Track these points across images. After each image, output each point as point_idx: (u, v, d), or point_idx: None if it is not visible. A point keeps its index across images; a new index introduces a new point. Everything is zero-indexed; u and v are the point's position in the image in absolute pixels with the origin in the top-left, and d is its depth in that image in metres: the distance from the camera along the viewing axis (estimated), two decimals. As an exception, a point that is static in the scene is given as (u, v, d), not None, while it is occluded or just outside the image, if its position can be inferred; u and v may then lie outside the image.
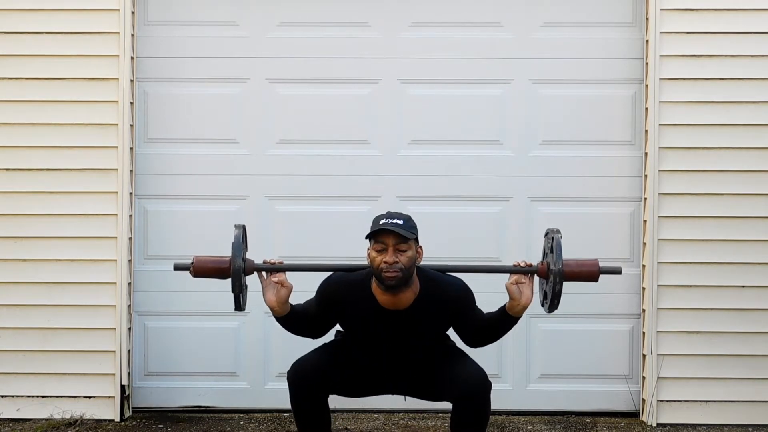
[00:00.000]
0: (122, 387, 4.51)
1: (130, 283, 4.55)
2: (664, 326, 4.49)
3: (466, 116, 4.64)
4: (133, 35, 4.55)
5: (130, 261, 4.55)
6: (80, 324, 4.49)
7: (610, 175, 4.61)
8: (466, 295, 3.32)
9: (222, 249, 4.61)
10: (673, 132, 4.48)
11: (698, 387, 4.49)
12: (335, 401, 3.46)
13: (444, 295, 3.28)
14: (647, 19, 4.51)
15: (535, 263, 3.32)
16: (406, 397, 3.54)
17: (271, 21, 4.65)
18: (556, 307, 3.25)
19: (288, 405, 4.56)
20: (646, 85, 4.52)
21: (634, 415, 4.62)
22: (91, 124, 4.49)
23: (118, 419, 4.50)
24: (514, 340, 4.65)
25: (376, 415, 4.61)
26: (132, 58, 4.54)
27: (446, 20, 4.64)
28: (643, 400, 4.55)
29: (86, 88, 4.48)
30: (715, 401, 4.49)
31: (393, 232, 3.12)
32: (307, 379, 3.27)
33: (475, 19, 4.64)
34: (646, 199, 4.53)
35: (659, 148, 4.47)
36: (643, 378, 4.55)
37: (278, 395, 4.62)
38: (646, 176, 4.53)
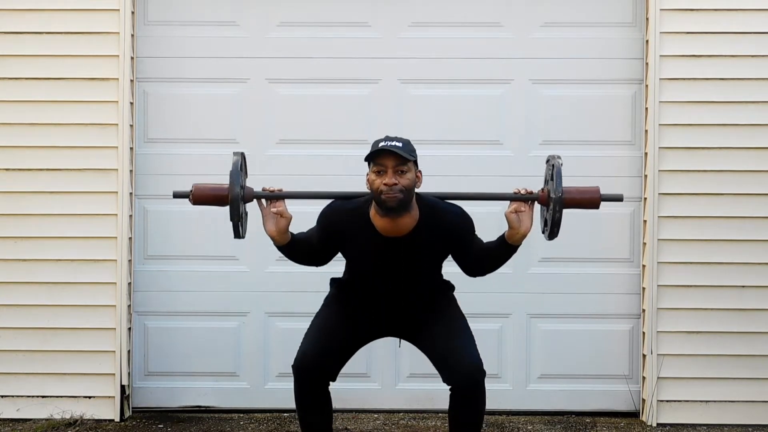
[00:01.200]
0: (122, 387, 4.52)
1: (130, 283, 4.56)
2: (664, 326, 4.49)
3: (466, 116, 4.64)
4: (133, 35, 4.55)
5: (130, 261, 4.55)
6: (80, 324, 4.50)
7: (610, 175, 4.61)
8: (465, 221, 3.28)
9: (223, 249, 4.64)
10: (673, 132, 4.48)
11: (698, 387, 4.49)
12: (335, 401, 3.45)
13: (444, 222, 3.23)
14: (647, 19, 4.51)
15: (534, 190, 3.25)
16: (400, 344, 3.51)
17: (271, 21, 4.65)
18: (555, 235, 3.20)
19: (288, 405, 4.58)
20: (646, 85, 4.52)
21: (634, 415, 4.62)
22: (91, 124, 4.49)
23: (118, 419, 4.51)
24: (514, 340, 4.66)
25: (376, 415, 4.61)
26: (132, 58, 4.54)
27: (446, 20, 4.64)
28: (643, 400, 4.56)
29: (86, 88, 4.48)
30: (715, 401, 4.49)
31: (392, 153, 3.09)
32: (314, 370, 3.22)
33: (475, 19, 4.64)
34: (646, 199, 4.53)
35: (659, 148, 4.47)
36: (643, 378, 4.55)
37: (278, 395, 4.62)
38: (646, 176, 4.53)
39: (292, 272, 4.63)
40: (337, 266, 3.47)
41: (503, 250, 3.24)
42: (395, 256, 3.23)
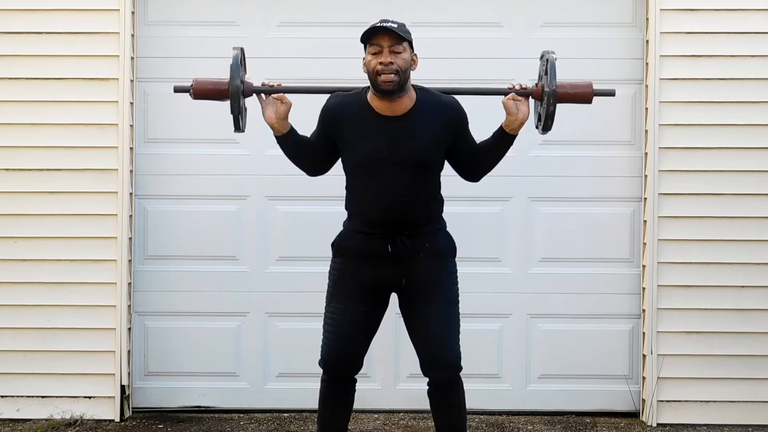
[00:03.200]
0: (122, 387, 4.51)
1: (130, 283, 4.56)
2: (664, 326, 4.49)
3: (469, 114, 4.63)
4: (133, 35, 4.55)
5: (130, 261, 4.55)
6: (80, 324, 4.50)
7: (610, 175, 4.61)
8: (461, 110, 3.33)
9: (223, 249, 4.64)
10: (673, 132, 4.48)
11: (698, 387, 4.49)
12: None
13: (441, 106, 3.28)
14: (647, 19, 4.51)
15: (528, 85, 3.30)
16: (405, 282, 3.37)
17: (271, 21, 4.65)
18: (549, 129, 3.28)
19: (288, 405, 4.61)
20: (646, 85, 4.52)
21: (634, 415, 4.62)
22: (91, 124, 4.49)
23: (118, 419, 4.50)
24: (514, 340, 4.66)
25: (376, 415, 4.61)
26: (132, 58, 4.54)
27: (446, 20, 4.64)
28: (643, 400, 4.56)
29: (86, 88, 4.48)
30: (715, 401, 4.49)
31: (387, 32, 3.14)
32: (344, 367, 3.27)
33: (475, 19, 4.64)
34: (646, 199, 4.53)
35: (659, 148, 4.47)
36: (643, 378, 4.55)
37: (278, 395, 4.62)
38: (646, 176, 4.53)
39: (292, 272, 4.64)
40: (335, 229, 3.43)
41: (501, 141, 3.30)
42: (394, 136, 3.21)
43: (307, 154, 3.39)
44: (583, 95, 3.32)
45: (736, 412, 4.49)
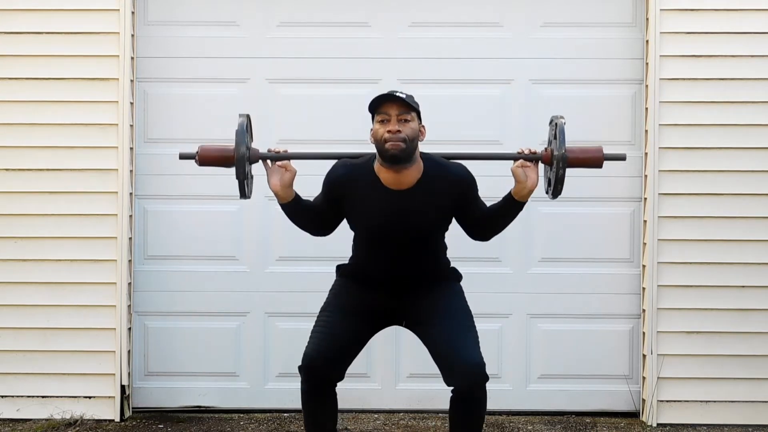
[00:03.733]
0: (122, 387, 4.52)
1: (130, 283, 4.56)
2: (664, 326, 4.49)
3: (466, 116, 4.64)
4: (133, 35, 4.55)
5: (130, 261, 4.55)
6: (80, 324, 4.50)
7: (610, 175, 4.60)
8: (470, 178, 3.29)
9: (223, 249, 4.65)
10: (673, 132, 4.48)
11: (698, 387, 4.49)
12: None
13: (448, 176, 3.24)
14: (647, 19, 4.51)
15: (538, 150, 3.25)
16: (405, 323, 3.43)
17: (271, 21, 4.65)
18: (559, 192, 3.21)
19: (288, 405, 4.61)
20: (646, 85, 4.52)
21: (634, 415, 4.62)
22: (91, 124, 4.49)
23: (118, 419, 4.51)
24: (514, 340, 4.66)
25: (376, 415, 4.61)
26: (132, 58, 4.54)
27: (446, 20, 4.64)
28: (643, 400, 4.56)
29: (86, 88, 4.48)
30: (715, 401, 4.49)
31: (396, 101, 3.12)
32: (322, 370, 3.21)
33: (475, 19, 4.64)
34: (646, 199, 4.53)
35: (659, 148, 4.47)
36: (643, 378, 4.55)
37: (278, 395, 4.62)
38: (646, 176, 4.53)
39: (292, 272, 4.64)
40: (343, 253, 3.45)
41: (510, 207, 3.25)
42: (400, 210, 3.21)
43: (311, 219, 3.36)
44: (593, 160, 3.25)
45: (736, 412, 4.49)
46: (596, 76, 4.62)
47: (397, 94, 3.15)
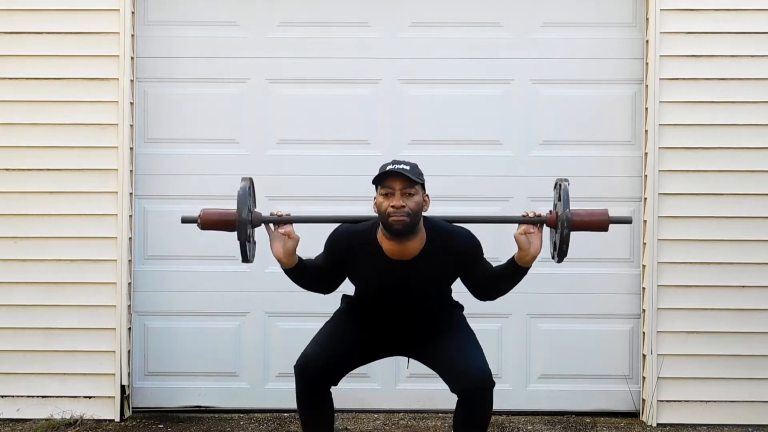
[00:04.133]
0: (122, 387, 4.52)
1: (130, 283, 4.56)
2: (664, 326, 4.49)
3: (466, 116, 4.64)
4: (133, 35, 4.55)
5: (130, 261, 4.55)
6: (80, 324, 4.50)
7: (610, 175, 4.61)
8: (473, 245, 3.27)
9: (223, 249, 4.64)
10: (673, 132, 4.48)
11: (698, 387, 4.49)
12: (335, 401, 3.45)
13: (451, 245, 3.23)
14: (647, 19, 4.51)
15: (543, 213, 3.24)
16: (409, 364, 3.55)
17: (271, 21, 4.65)
18: (564, 256, 3.19)
19: (288, 405, 4.60)
20: (646, 85, 4.52)
21: (634, 415, 4.62)
22: (91, 124, 4.49)
23: (118, 419, 4.51)
24: (514, 340, 4.66)
25: (376, 415, 4.61)
26: (132, 58, 4.54)
27: (446, 20, 4.64)
28: (643, 400, 4.56)
29: (86, 88, 4.48)
30: (714, 401, 4.49)
31: (400, 176, 3.09)
32: (318, 368, 3.23)
33: (475, 19, 4.64)
34: (646, 199, 4.53)
35: (659, 148, 4.47)
36: (643, 378, 4.55)
37: (278, 395, 4.62)
38: (646, 176, 4.53)
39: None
40: (348, 283, 3.47)
41: (513, 272, 3.23)
42: (403, 279, 3.24)
43: (314, 281, 3.37)
44: (598, 223, 3.23)
45: (736, 412, 4.49)
46: (596, 76, 4.62)
47: (401, 167, 3.12)
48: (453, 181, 4.59)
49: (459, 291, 3.41)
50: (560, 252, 3.18)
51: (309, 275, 3.32)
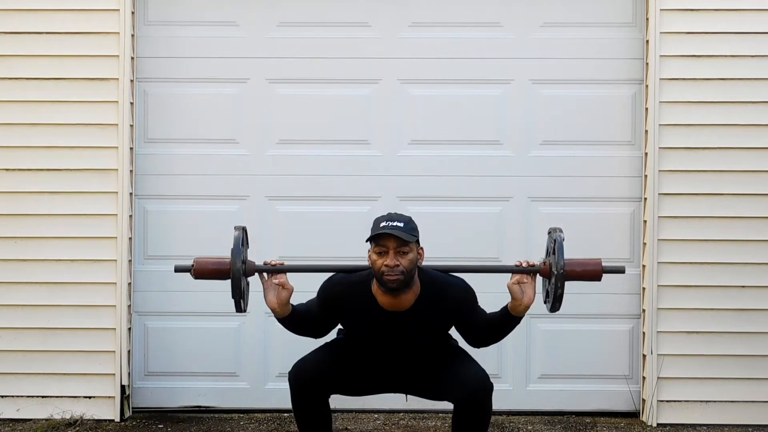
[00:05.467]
0: (122, 387, 4.51)
1: (130, 283, 4.55)
2: (664, 326, 4.49)
3: (466, 116, 4.64)
4: (133, 35, 4.55)
5: (130, 261, 4.55)
6: (80, 324, 4.49)
7: (610, 175, 4.61)
8: (467, 295, 3.31)
9: (222, 249, 4.62)
10: (673, 132, 4.48)
11: (698, 387, 4.49)
12: (335, 401, 3.46)
13: (445, 296, 3.27)
14: (647, 19, 4.51)
15: (536, 262, 3.30)
16: (408, 398, 3.54)
17: (271, 21, 4.65)
18: (558, 308, 3.24)
19: (288, 405, 4.58)
20: (646, 85, 4.52)
21: (634, 415, 4.62)
22: (91, 124, 4.49)
23: (118, 419, 4.50)
24: (514, 340, 4.65)
25: (376, 415, 4.61)
26: (132, 58, 4.54)
27: (446, 20, 4.64)
28: (643, 400, 4.56)
29: (86, 88, 4.48)
30: (715, 401, 4.49)
31: (394, 236, 3.11)
32: (309, 380, 3.26)
33: (475, 19, 4.64)
34: (646, 199, 4.53)
35: (659, 148, 4.47)
36: (643, 378, 4.55)
37: (278, 395, 4.62)
38: (646, 176, 4.53)
39: (291, 273, 4.63)
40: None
41: (507, 321, 3.27)
42: (397, 330, 3.27)
43: (307, 328, 3.39)
44: (591, 273, 3.26)
45: (736, 412, 4.49)
46: (596, 76, 4.62)
47: (395, 224, 3.13)
48: (452, 181, 4.59)
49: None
50: (554, 306, 3.22)
51: (302, 323, 3.35)
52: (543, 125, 4.64)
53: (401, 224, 3.14)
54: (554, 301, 3.20)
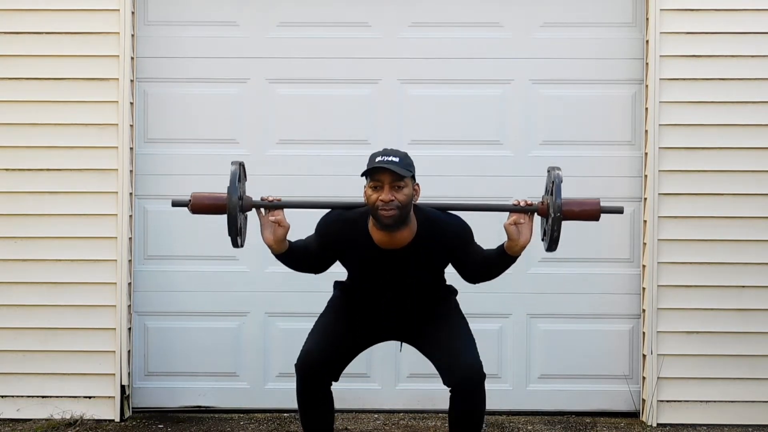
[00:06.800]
0: (122, 387, 4.51)
1: (130, 283, 4.55)
2: (664, 326, 4.49)
3: (466, 116, 4.64)
4: (133, 35, 4.55)
5: (130, 261, 4.55)
6: (80, 324, 4.50)
7: (610, 175, 4.61)
8: (464, 233, 3.28)
9: (223, 249, 4.64)
10: (673, 132, 4.48)
11: (698, 387, 4.49)
12: (335, 401, 3.45)
13: (442, 234, 3.24)
14: (647, 19, 4.51)
15: (534, 201, 3.23)
16: (402, 348, 3.57)
17: (271, 21, 4.65)
18: (555, 248, 3.20)
19: (288, 405, 4.61)
20: (646, 85, 4.52)
21: (634, 415, 4.62)
22: (91, 124, 4.49)
23: (118, 419, 4.50)
24: (514, 340, 4.66)
25: (376, 416, 4.61)
26: (132, 58, 4.54)
27: (446, 20, 4.64)
28: (643, 400, 4.56)
29: (86, 88, 4.48)
30: (715, 401, 4.49)
31: (389, 170, 3.08)
32: (317, 368, 3.24)
33: (475, 19, 4.64)
34: (646, 199, 4.53)
35: (659, 148, 4.47)
36: (643, 378, 4.55)
37: (278, 395, 4.62)
38: (646, 176, 4.53)
39: (292, 272, 4.62)
40: (340, 267, 3.47)
41: (502, 260, 3.24)
42: (394, 269, 3.25)
43: (305, 264, 3.38)
44: (589, 213, 3.23)
45: (736, 412, 4.49)
46: (596, 76, 4.62)
47: (390, 158, 3.11)
48: (452, 181, 4.59)
49: (451, 272, 3.41)
50: (550, 246, 3.18)
51: (299, 259, 3.33)
52: (543, 125, 4.64)
53: (397, 159, 3.11)
54: (551, 242, 3.17)
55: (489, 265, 3.28)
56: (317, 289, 3.71)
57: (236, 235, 3.17)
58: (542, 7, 4.63)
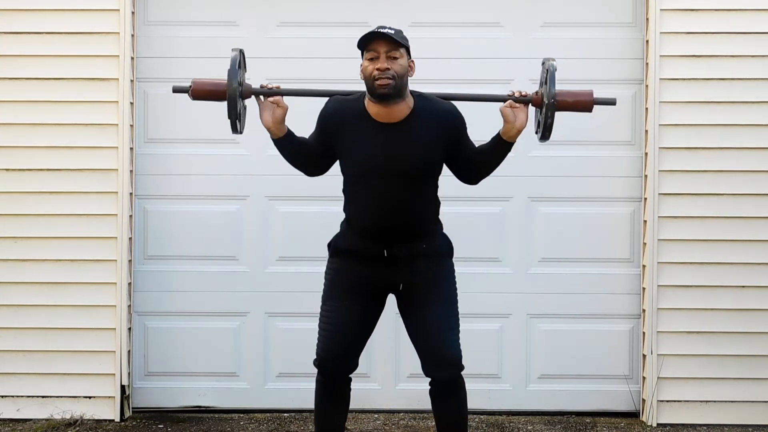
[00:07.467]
0: (122, 387, 4.52)
1: (130, 283, 4.56)
2: (664, 326, 4.49)
3: (466, 116, 4.61)
4: (133, 35, 4.55)
5: (130, 261, 4.55)
6: (80, 324, 4.50)
7: (610, 175, 4.61)
8: (459, 114, 3.32)
9: (223, 249, 4.64)
10: (673, 132, 4.48)
11: (698, 387, 4.49)
12: (335, 401, 3.45)
13: (438, 111, 3.27)
14: (647, 19, 4.51)
15: (528, 93, 3.29)
16: (402, 287, 3.40)
17: (271, 21, 4.65)
18: (548, 137, 3.26)
19: (288, 405, 4.61)
20: (646, 85, 4.52)
21: (634, 415, 4.62)
22: (91, 124, 4.49)
23: (118, 419, 4.51)
24: (514, 340, 4.66)
25: (376, 416, 4.61)
26: (132, 58, 4.54)
27: (446, 20, 4.64)
28: (643, 400, 4.56)
29: (86, 88, 4.48)
30: (714, 401, 4.49)
31: (384, 38, 3.12)
32: (338, 361, 3.27)
33: (475, 19, 4.64)
34: (646, 199, 4.53)
35: (659, 148, 4.47)
36: (643, 378, 4.55)
37: (278, 395, 4.62)
38: (646, 176, 4.53)
39: (292, 272, 4.64)
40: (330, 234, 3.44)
41: (499, 147, 3.29)
42: (389, 142, 3.21)
43: (305, 156, 3.40)
44: (583, 104, 3.30)
45: (736, 412, 4.49)
46: (596, 76, 4.62)
47: (386, 30, 3.15)
48: (452, 181, 4.58)
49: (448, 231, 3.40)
50: (543, 135, 3.25)
51: (299, 148, 3.36)
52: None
53: (392, 31, 3.17)
54: (544, 131, 3.23)
55: (485, 157, 3.32)
56: (317, 289, 3.70)
57: (235, 118, 3.22)
58: (542, 7, 4.63)
